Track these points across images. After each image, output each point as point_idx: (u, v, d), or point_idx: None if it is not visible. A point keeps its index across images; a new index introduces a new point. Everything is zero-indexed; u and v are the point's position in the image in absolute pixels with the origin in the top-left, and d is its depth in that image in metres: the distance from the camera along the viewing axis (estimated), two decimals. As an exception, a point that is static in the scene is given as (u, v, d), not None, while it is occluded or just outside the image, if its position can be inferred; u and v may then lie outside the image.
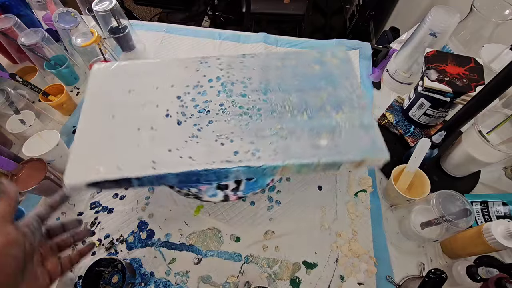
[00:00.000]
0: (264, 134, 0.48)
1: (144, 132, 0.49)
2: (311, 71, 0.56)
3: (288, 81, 0.54)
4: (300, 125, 0.49)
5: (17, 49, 0.80)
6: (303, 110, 0.51)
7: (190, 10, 2.34)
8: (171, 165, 0.45)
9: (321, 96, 0.52)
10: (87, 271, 0.50)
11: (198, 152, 0.46)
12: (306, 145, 0.47)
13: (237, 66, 0.57)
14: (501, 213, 0.57)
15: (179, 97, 0.53)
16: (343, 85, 0.54)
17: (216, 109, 0.51)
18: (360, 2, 1.58)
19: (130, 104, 0.52)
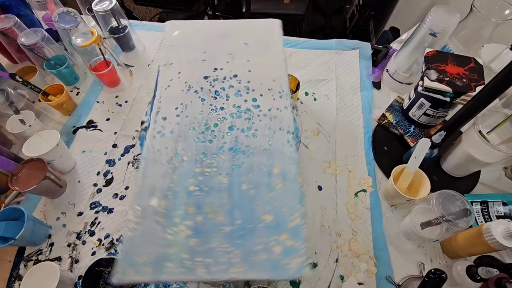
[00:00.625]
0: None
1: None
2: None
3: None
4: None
5: (17, 49, 0.80)
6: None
7: (190, 10, 2.34)
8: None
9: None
10: (87, 271, 0.50)
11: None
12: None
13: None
14: (501, 213, 0.57)
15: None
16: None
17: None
18: (360, 2, 1.58)
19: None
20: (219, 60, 0.52)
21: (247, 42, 0.54)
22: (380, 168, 0.67)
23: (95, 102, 0.79)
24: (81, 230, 0.60)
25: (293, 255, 0.36)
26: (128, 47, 0.87)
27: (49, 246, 0.58)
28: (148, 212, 0.38)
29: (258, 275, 0.36)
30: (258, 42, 0.55)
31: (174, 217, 0.38)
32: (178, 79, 0.50)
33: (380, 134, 0.72)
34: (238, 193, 0.40)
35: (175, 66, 0.51)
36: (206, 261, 0.36)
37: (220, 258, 0.36)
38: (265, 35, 0.56)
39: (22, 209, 0.53)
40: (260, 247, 0.37)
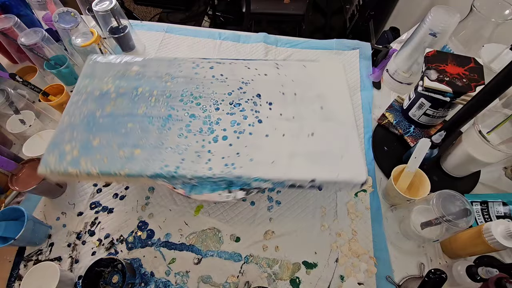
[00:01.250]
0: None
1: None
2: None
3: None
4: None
5: (17, 49, 0.80)
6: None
7: (190, 10, 2.34)
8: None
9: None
10: (87, 271, 0.50)
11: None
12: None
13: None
14: (501, 213, 0.57)
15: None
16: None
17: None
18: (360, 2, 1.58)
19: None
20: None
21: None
22: (380, 168, 0.67)
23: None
24: (81, 230, 0.60)
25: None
26: (128, 47, 0.87)
27: (49, 246, 0.58)
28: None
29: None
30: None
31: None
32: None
33: (380, 134, 0.72)
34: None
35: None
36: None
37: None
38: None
39: (22, 209, 0.53)
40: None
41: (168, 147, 0.48)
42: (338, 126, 0.53)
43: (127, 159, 0.47)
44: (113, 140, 0.49)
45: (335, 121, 0.53)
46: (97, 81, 0.56)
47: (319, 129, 0.52)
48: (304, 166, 0.48)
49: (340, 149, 0.50)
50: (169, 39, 0.93)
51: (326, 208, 0.62)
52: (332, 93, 0.57)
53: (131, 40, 0.86)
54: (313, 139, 0.51)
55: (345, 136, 0.51)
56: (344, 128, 0.52)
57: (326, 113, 0.54)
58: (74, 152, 0.48)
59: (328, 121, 0.53)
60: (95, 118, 0.51)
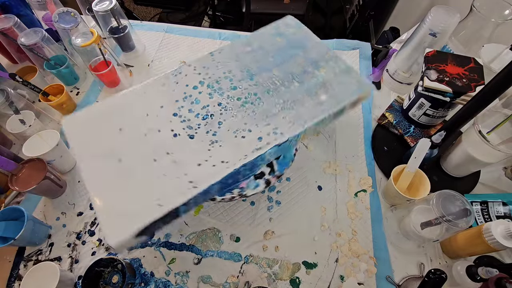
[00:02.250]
0: (273, 112, 0.50)
1: (163, 160, 0.46)
2: (277, 45, 0.59)
3: (264, 60, 0.56)
4: (296, 93, 0.52)
5: (17, 49, 0.80)
6: (291, 79, 0.54)
7: (190, 10, 2.34)
8: (209, 177, 0.43)
9: (298, 62, 0.56)
10: (87, 271, 0.50)
11: (226, 154, 0.46)
12: (311, 106, 0.50)
13: (211, 65, 0.57)
14: (501, 213, 0.57)
15: (175, 114, 0.51)
16: (308, 46, 0.58)
17: (218, 110, 0.51)
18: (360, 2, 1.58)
19: (130, 141, 0.48)
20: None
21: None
22: (380, 168, 0.67)
23: (95, 102, 0.79)
24: (81, 230, 0.60)
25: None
26: (128, 47, 0.87)
27: (49, 246, 0.58)
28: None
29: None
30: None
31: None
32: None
33: (380, 134, 0.72)
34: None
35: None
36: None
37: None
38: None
39: (22, 209, 0.53)
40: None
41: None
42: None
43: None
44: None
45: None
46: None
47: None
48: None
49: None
50: (169, 39, 0.93)
51: (326, 208, 0.62)
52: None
53: (131, 40, 0.86)
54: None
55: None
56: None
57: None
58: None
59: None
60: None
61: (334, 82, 0.53)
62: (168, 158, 0.46)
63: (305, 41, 0.59)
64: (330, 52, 0.57)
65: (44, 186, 0.57)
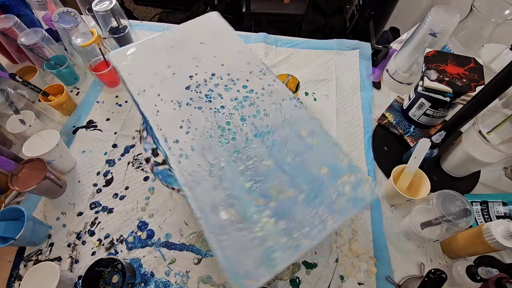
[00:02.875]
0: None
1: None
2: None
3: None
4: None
5: (17, 49, 0.80)
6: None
7: (190, 10, 2.34)
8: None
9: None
10: (87, 271, 0.50)
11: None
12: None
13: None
14: (501, 213, 0.57)
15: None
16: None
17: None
18: (360, 2, 1.58)
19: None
20: (188, 67, 0.51)
21: (202, 41, 0.54)
22: (380, 168, 0.67)
23: (95, 102, 0.79)
24: (81, 230, 0.60)
25: (361, 184, 0.41)
26: (128, 47, 0.87)
27: (49, 246, 0.58)
28: (226, 227, 0.39)
29: (348, 215, 0.40)
30: (211, 36, 0.55)
31: (251, 216, 0.40)
32: (163, 101, 0.48)
33: (380, 134, 0.72)
34: (288, 166, 0.43)
35: (150, 91, 0.48)
36: (304, 231, 0.39)
37: (312, 221, 0.39)
38: (212, 28, 0.57)
39: (22, 209, 0.53)
40: (335, 195, 0.41)
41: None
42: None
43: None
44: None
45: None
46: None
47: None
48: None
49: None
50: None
51: (326, 208, 0.62)
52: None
53: (131, 40, 0.86)
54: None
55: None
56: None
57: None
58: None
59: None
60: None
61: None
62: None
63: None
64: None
65: (44, 186, 0.57)
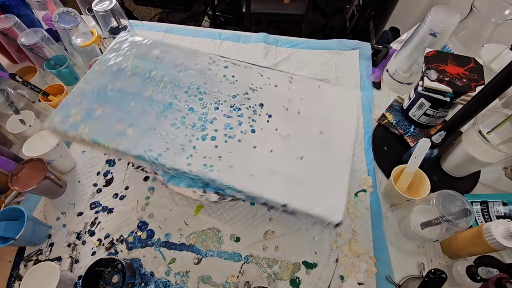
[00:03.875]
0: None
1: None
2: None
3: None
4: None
5: (17, 49, 0.80)
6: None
7: (190, 10, 2.34)
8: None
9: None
10: (87, 271, 0.50)
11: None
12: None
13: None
14: (501, 213, 0.57)
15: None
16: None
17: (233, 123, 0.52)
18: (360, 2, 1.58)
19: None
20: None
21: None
22: (380, 168, 0.67)
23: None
24: (81, 230, 0.60)
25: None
26: (128, 47, 0.87)
27: (49, 246, 0.58)
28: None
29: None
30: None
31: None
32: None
33: (380, 134, 0.72)
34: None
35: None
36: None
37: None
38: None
39: (22, 209, 0.53)
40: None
41: (158, 133, 0.49)
42: (332, 157, 0.49)
43: (118, 135, 0.48)
44: (113, 114, 0.50)
45: (330, 150, 0.50)
46: (120, 57, 0.57)
47: (311, 154, 0.49)
48: (281, 189, 0.45)
49: (325, 182, 0.47)
50: (169, 39, 0.93)
51: (326, 208, 0.62)
52: (338, 121, 0.53)
53: (131, 40, 0.86)
54: (301, 163, 0.48)
55: (335, 169, 0.48)
56: (337, 161, 0.49)
57: (324, 140, 0.51)
58: (77, 116, 0.50)
59: (323, 148, 0.50)
60: (106, 90, 0.53)
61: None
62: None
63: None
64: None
65: (44, 186, 0.57)
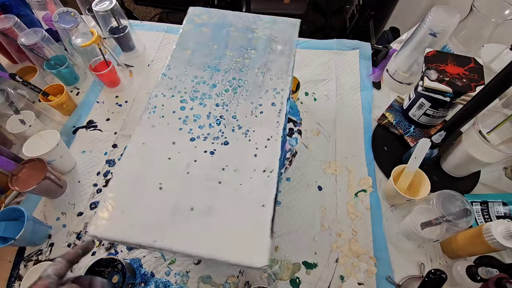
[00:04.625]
0: (259, 81, 0.51)
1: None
2: (206, 34, 0.57)
3: (212, 51, 0.55)
4: (259, 57, 0.53)
5: (17, 49, 0.80)
6: (245, 50, 0.54)
7: (190, 10, 2.34)
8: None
9: (236, 36, 0.56)
10: (87, 271, 0.50)
11: (266, 131, 0.45)
12: (280, 61, 0.53)
13: (173, 83, 0.51)
14: (501, 213, 0.57)
15: (193, 139, 0.45)
16: (231, 20, 0.58)
17: (221, 109, 0.48)
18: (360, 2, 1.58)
19: (180, 185, 0.41)
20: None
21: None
22: (380, 168, 0.67)
23: (95, 102, 0.79)
24: (81, 230, 0.60)
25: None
26: (128, 47, 0.87)
27: (49, 246, 0.58)
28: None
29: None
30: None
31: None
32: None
33: (380, 134, 0.72)
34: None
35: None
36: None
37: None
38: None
39: (22, 209, 0.53)
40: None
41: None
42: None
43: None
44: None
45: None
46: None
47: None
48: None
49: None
50: (169, 39, 0.93)
51: (326, 208, 0.62)
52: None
53: (131, 40, 0.86)
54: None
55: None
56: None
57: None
58: None
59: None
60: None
61: (276, 33, 0.55)
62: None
63: (225, 18, 0.59)
64: (254, 18, 0.58)
65: (44, 186, 0.57)
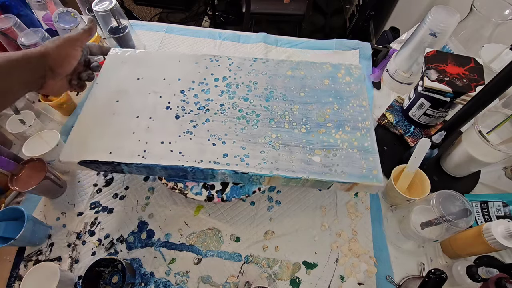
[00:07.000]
0: (257, 141, 0.49)
1: (142, 121, 0.51)
2: (320, 86, 0.56)
3: (294, 92, 0.54)
4: (295, 138, 0.49)
5: (17, 49, 0.80)
6: (302, 123, 0.51)
7: (190, 10, 2.34)
8: (160, 157, 0.47)
9: (324, 112, 0.52)
10: (87, 271, 0.50)
11: (189, 149, 0.48)
12: (297, 159, 0.47)
13: (246, 68, 0.57)
14: (501, 213, 0.57)
15: (183, 91, 0.54)
16: (350, 104, 0.53)
17: (215, 109, 0.52)
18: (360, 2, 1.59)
19: (135, 91, 0.55)
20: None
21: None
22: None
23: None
24: (81, 230, 0.60)
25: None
26: (128, 47, 0.86)
27: (49, 246, 0.58)
28: None
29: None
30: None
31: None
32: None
33: (380, 134, 0.71)
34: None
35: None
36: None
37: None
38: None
39: (22, 209, 0.53)
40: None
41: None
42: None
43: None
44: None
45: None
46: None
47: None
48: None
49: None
50: (169, 39, 0.93)
51: (326, 208, 0.62)
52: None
53: (131, 40, 0.86)
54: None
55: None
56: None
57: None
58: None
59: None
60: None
61: (343, 154, 0.48)
62: (146, 122, 0.51)
63: (350, 98, 0.54)
64: (367, 122, 0.51)
65: (44, 186, 0.57)
